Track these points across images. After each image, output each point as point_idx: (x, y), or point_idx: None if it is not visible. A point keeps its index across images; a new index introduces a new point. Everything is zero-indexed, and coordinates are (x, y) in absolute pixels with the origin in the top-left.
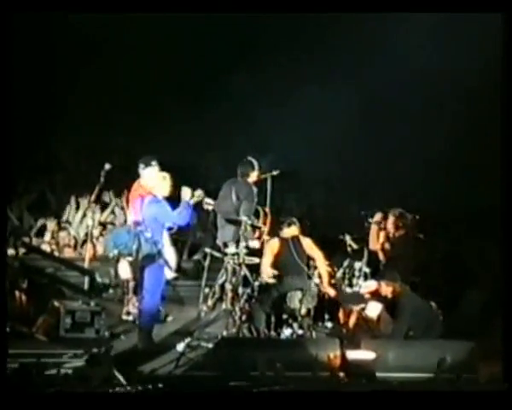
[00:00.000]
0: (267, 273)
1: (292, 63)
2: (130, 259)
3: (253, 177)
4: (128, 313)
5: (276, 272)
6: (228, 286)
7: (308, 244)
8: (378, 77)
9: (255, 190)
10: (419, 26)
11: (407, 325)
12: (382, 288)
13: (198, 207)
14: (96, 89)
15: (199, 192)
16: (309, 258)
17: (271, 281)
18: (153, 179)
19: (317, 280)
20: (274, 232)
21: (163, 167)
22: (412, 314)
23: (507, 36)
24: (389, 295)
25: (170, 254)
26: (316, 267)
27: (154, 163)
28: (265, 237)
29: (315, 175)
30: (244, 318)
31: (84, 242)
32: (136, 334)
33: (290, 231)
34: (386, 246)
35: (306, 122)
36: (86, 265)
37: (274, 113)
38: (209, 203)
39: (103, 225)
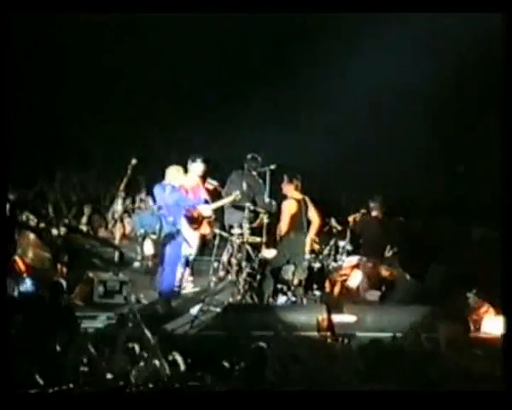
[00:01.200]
0: (280, 232)
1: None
2: (153, 237)
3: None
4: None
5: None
6: (233, 261)
7: (308, 204)
8: (378, 76)
9: (261, 182)
10: (419, 26)
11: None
12: (382, 271)
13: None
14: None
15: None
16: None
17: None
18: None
19: (307, 256)
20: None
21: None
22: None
23: (507, 36)
24: (388, 277)
25: (189, 233)
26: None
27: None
28: (265, 220)
29: (305, 168)
30: (247, 287)
31: (115, 223)
32: (158, 300)
33: (297, 194)
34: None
35: (300, 118)
36: (116, 242)
37: (270, 110)
38: (211, 183)
39: (131, 210)
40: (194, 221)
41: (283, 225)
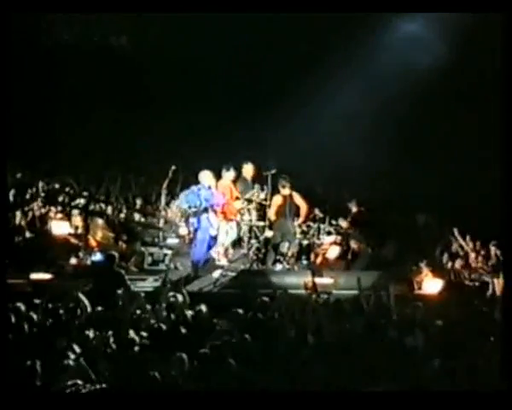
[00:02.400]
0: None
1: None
2: (194, 210)
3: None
4: None
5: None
6: (245, 239)
7: (296, 196)
8: (378, 76)
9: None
10: (419, 26)
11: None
12: (352, 243)
13: None
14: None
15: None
16: (297, 207)
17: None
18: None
19: (299, 235)
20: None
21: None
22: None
23: (507, 36)
24: (356, 249)
25: (214, 219)
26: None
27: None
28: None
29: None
30: (254, 258)
31: (160, 212)
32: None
33: (285, 191)
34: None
35: (299, 125)
36: (161, 225)
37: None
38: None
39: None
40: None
41: (271, 214)
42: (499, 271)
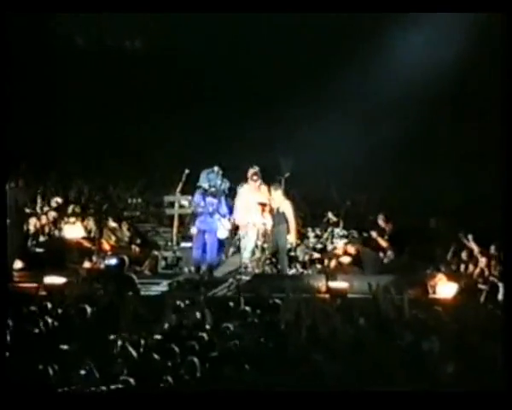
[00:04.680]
0: None
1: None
2: (213, 190)
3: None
4: None
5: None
6: (259, 243)
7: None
8: (378, 76)
9: None
10: (419, 26)
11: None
12: (348, 248)
13: None
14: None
15: None
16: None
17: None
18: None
19: (312, 240)
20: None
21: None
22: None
23: (507, 36)
24: (354, 252)
25: (226, 222)
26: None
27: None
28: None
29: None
30: (268, 262)
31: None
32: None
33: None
34: None
35: (312, 128)
36: (174, 230)
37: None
38: None
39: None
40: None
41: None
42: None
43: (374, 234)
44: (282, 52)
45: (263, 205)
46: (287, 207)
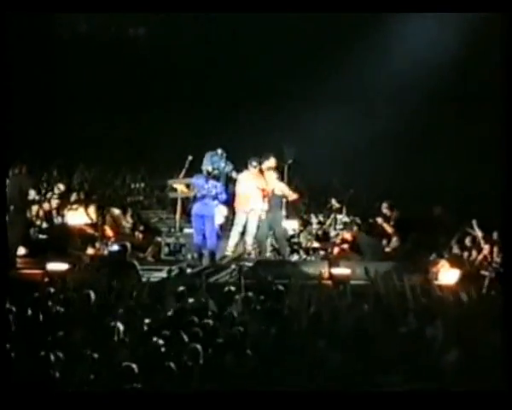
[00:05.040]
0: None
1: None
2: (216, 172)
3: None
4: None
5: None
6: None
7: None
8: (379, 76)
9: None
10: (419, 26)
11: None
12: (345, 235)
13: None
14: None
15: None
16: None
17: None
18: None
19: (315, 226)
20: None
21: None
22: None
23: (507, 36)
24: (350, 238)
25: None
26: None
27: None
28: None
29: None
30: (271, 248)
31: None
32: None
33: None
34: None
35: (315, 116)
36: (177, 216)
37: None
38: None
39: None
40: None
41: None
42: None
43: (379, 220)
44: (285, 41)
45: (263, 191)
46: (282, 189)
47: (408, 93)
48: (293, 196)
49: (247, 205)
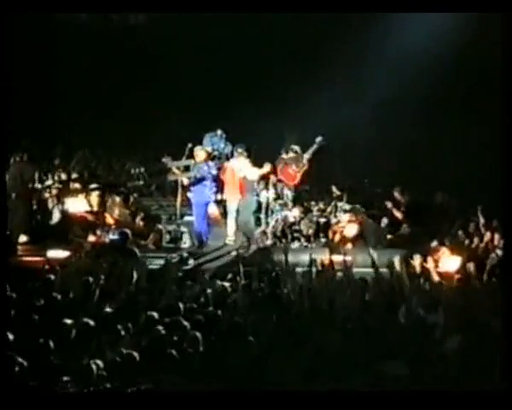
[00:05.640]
0: None
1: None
2: (216, 153)
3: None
4: None
5: None
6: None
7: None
8: (379, 76)
9: None
10: (419, 26)
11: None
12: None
13: None
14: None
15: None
16: None
17: None
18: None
19: (316, 213)
20: None
21: None
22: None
23: (507, 36)
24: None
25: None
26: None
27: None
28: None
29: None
30: (270, 237)
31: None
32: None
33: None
34: None
35: (317, 104)
36: (178, 204)
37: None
38: None
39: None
40: None
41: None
42: None
43: (389, 205)
44: (287, 33)
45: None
46: (253, 174)
47: (410, 85)
48: (265, 169)
49: (237, 192)
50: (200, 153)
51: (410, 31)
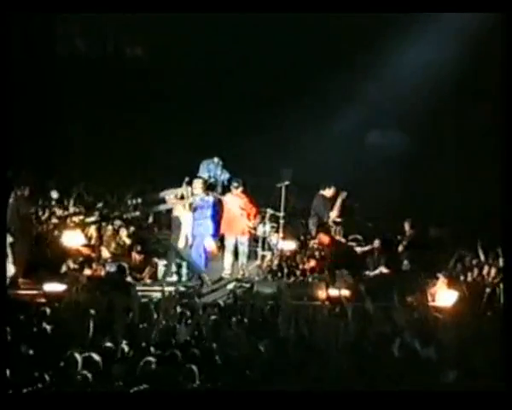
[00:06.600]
0: None
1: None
2: (212, 180)
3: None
4: None
5: None
6: (259, 251)
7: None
8: (379, 76)
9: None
10: (419, 26)
11: None
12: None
13: None
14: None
15: None
16: None
17: None
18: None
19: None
20: None
21: None
22: None
23: (507, 36)
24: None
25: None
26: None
27: None
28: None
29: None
30: (267, 270)
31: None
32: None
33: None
34: None
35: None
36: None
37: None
38: None
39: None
40: None
41: None
42: None
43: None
44: (281, 56)
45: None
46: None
47: (408, 108)
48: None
49: (234, 227)
50: (197, 185)
51: (409, 35)
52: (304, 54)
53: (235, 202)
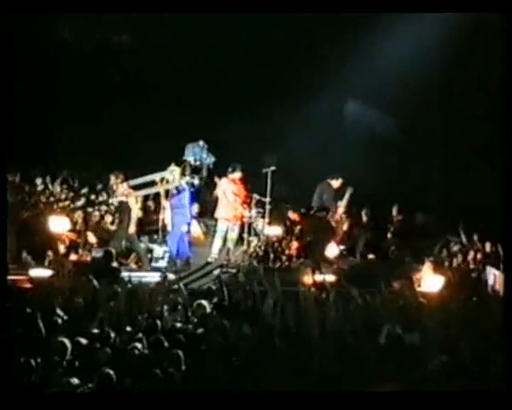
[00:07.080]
0: None
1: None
2: (197, 164)
3: None
4: None
5: None
6: (245, 237)
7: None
8: (379, 76)
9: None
10: (419, 26)
11: None
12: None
13: None
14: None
15: None
16: None
17: None
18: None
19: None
20: None
21: None
22: None
23: (507, 36)
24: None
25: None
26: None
27: None
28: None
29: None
30: (254, 255)
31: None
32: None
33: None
34: None
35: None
36: (160, 224)
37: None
38: None
39: None
40: None
41: None
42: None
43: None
44: (274, 49)
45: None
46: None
47: (401, 98)
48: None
49: (227, 213)
50: (174, 173)
51: (409, 34)
52: (290, 42)
53: (230, 187)
